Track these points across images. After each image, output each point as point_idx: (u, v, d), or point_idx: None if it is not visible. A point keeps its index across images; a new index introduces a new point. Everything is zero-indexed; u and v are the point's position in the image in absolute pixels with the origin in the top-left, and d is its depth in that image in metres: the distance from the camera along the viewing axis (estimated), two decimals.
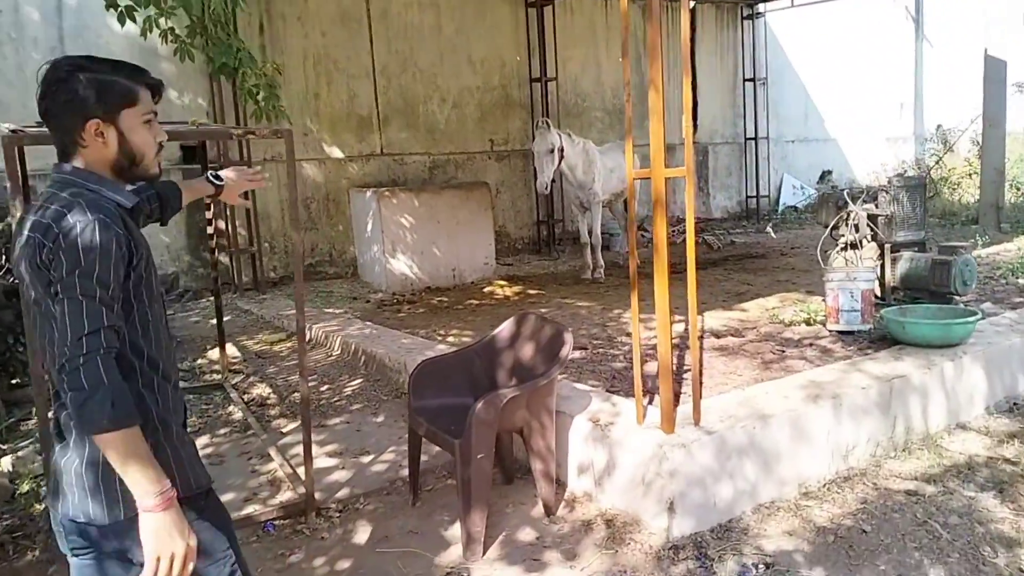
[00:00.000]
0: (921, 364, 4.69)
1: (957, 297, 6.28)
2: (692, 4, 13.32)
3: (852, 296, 5.75)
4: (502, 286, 9.38)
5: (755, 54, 13.85)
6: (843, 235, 6.81)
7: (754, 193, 14.14)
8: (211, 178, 2.58)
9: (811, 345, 5.62)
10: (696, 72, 13.51)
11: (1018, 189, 12.93)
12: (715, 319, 6.93)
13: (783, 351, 5.52)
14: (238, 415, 5.25)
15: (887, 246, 6.53)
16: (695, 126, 13.61)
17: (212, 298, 9.18)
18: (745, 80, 13.98)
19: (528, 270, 10.54)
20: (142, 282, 1.73)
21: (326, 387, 5.82)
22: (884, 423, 4.32)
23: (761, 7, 13.79)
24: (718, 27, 13.70)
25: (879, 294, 6.60)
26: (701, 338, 6.22)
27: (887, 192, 6.49)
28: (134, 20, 4.51)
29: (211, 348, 6.95)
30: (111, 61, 1.76)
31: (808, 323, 6.35)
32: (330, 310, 8.26)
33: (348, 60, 10.00)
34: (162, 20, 4.36)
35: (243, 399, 5.58)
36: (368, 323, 7.03)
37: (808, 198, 14.46)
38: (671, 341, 3.91)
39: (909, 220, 6.57)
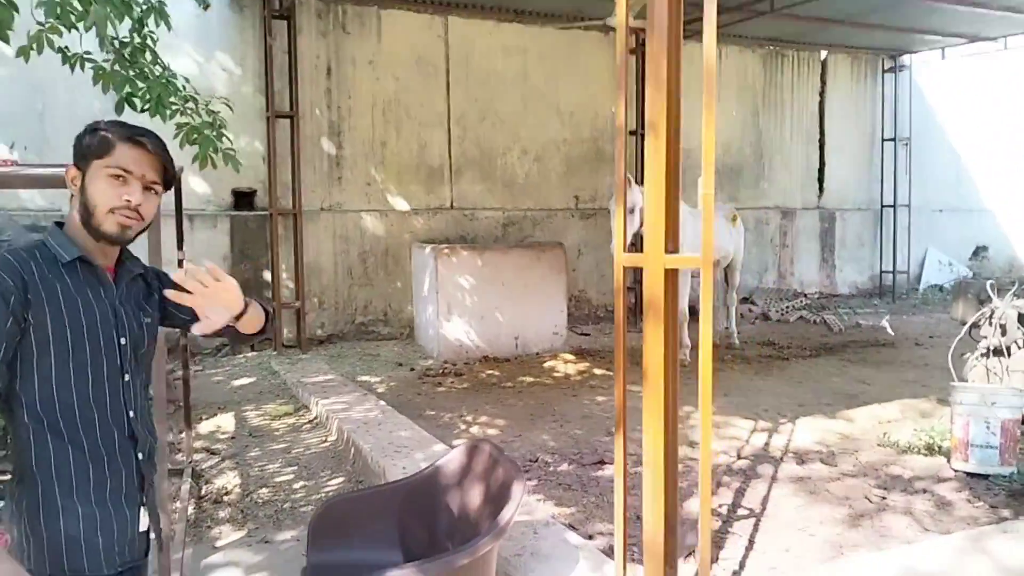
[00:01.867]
0: None
1: None
2: (824, 55, 11.87)
3: (988, 427, 4.21)
4: (568, 361, 8.24)
5: (896, 111, 12.13)
6: (985, 337, 5.25)
7: (890, 268, 12.25)
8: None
9: (925, 491, 4.12)
10: (825, 130, 11.96)
11: None
12: (809, 431, 5.52)
13: (884, 497, 4.07)
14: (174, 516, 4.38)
15: None
16: (820, 189, 12.01)
17: (252, 354, 8.69)
18: (884, 140, 12.24)
19: (605, 342, 9.32)
20: (48, 335, 1.68)
21: (301, 484, 4.87)
22: None
23: (906, 59, 12.11)
24: (853, 79, 12.12)
25: None
26: (774, 458, 4.82)
27: None
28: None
29: (209, 417, 6.21)
30: (124, 122, 1.80)
31: (930, 450, 4.83)
32: (364, 378, 7.41)
33: (421, 107, 9.34)
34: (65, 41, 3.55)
35: (198, 492, 4.73)
36: (382, 402, 6.08)
37: (957, 277, 12.39)
38: (676, 498, 2.69)
39: None
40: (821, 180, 11.97)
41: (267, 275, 8.51)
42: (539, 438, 5.47)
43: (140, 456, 1.82)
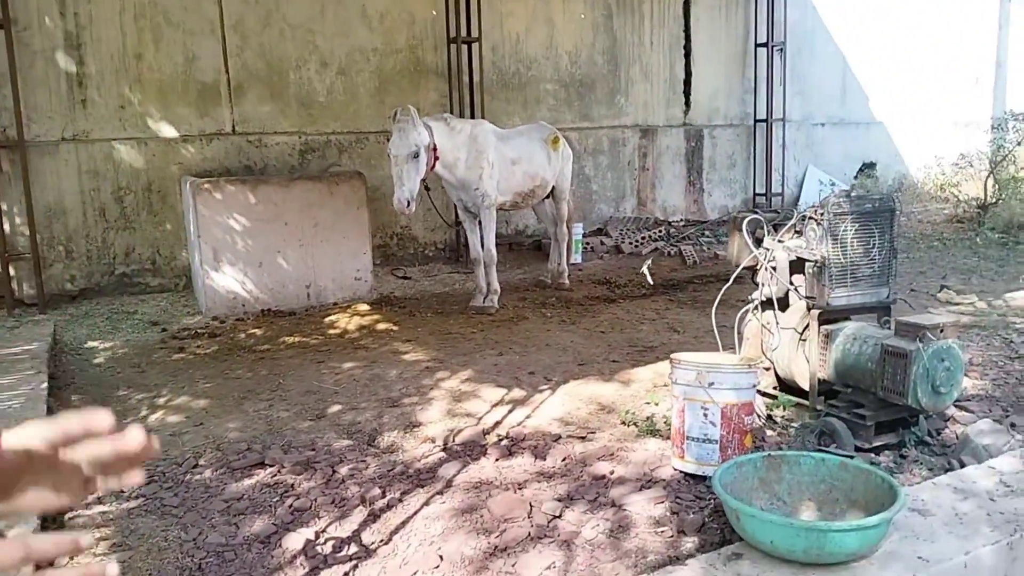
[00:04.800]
0: None
1: (921, 415, 3.75)
2: None
3: (706, 414, 3.32)
4: (358, 313, 7.19)
5: (772, 10, 11.02)
6: (761, 285, 4.35)
7: (764, 190, 11.38)
8: None
9: (615, 505, 3.23)
10: (691, 35, 10.83)
11: None
12: (564, 402, 4.70)
13: (556, 515, 3.15)
14: None
15: (815, 312, 4.01)
16: (686, 104, 10.96)
17: None
18: (758, 45, 11.17)
19: (421, 288, 8.30)
20: None
21: None
22: None
23: None
24: None
25: (776, 397, 4.15)
26: (484, 448, 3.90)
27: (817, 220, 3.94)
28: None
29: None
30: None
31: (665, 435, 3.96)
32: (93, 343, 6.28)
33: (185, 11, 7.90)
34: None
35: None
36: (44, 386, 4.95)
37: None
38: None
39: (857, 270, 4.02)
40: (688, 93, 10.90)
41: None
42: (223, 427, 4.45)
43: None
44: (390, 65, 8.95)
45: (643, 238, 10.09)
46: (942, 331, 3.60)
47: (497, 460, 3.74)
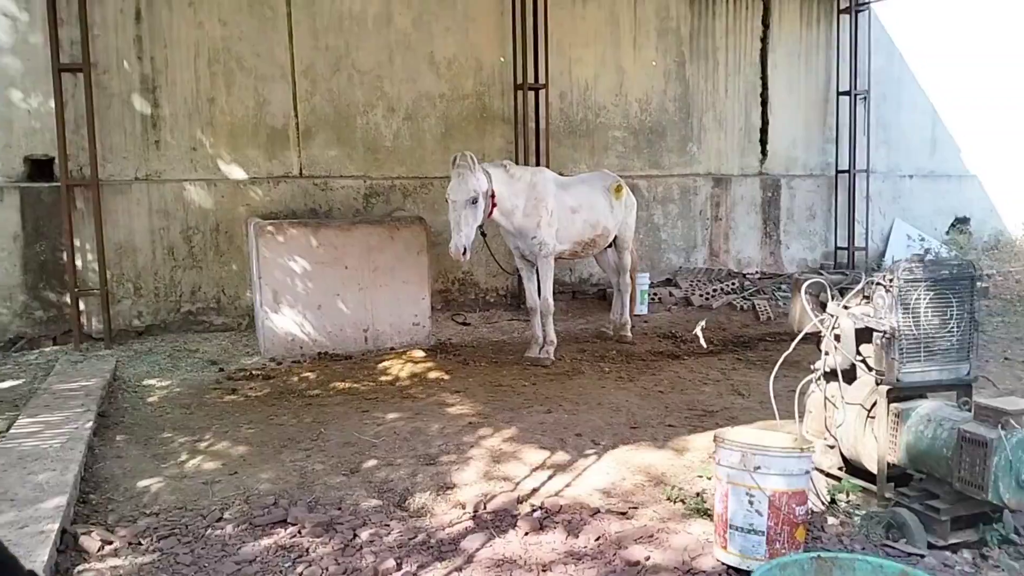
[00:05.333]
0: None
1: (1006, 511, 3.33)
2: None
3: (752, 502, 3.02)
4: (412, 360, 7.11)
5: (855, 58, 10.61)
6: (826, 355, 4.04)
7: (847, 243, 10.84)
8: None
9: None
10: (768, 83, 10.52)
11: None
12: (610, 469, 4.48)
13: None
14: None
15: (884, 388, 3.66)
16: (762, 152, 10.60)
17: (55, 348, 7.66)
18: (840, 93, 10.76)
19: (479, 335, 8.17)
20: None
21: None
22: None
23: None
24: (803, 22, 10.61)
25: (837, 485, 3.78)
26: (515, 519, 3.68)
27: (886, 287, 3.61)
28: None
29: None
30: None
31: (710, 515, 3.64)
32: (151, 381, 6.38)
33: (257, 57, 8.11)
34: None
35: None
36: (90, 424, 4.98)
37: (932, 253, 10.94)
38: None
39: (932, 343, 3.66)
40: (764, 142, 10.55)
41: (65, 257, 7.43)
42: (256, 477, 4.37)
43: None
44: (456, 111, 8.96)
45: (714, 290, 9.72)
46: None
47: (526, 535, 3.51)
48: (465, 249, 6.20)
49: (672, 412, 5.52)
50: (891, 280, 3.59)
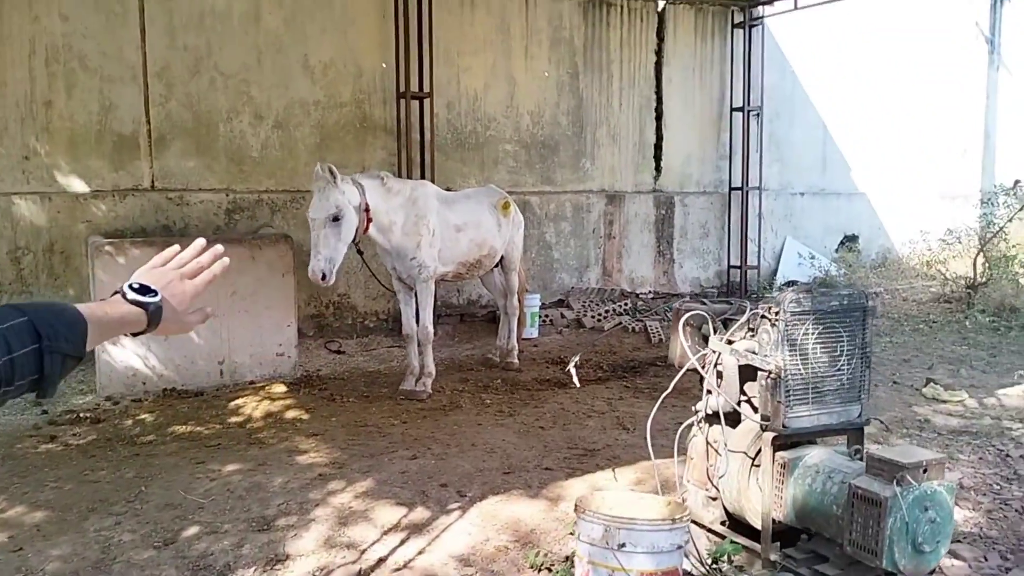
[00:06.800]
0: None
1: None
2: (661, 5, 10.19)
3: None
4: (270, 396, 6.40)
5: (749, 74, 10.53)
6: (707, 394, 3.63)
7: (740, 262, 10.72)
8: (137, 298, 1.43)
9: None
10: (663, 98, 10.31)
11: None
12: (475, 525, 3.95)
13: None
14: None
15: (769, 435, 3.26)
16: (657, 169, 10.37)
17: None
18: (733, 109, 10.66)
19: (354, 364, 7.53)
20: None
21: None
22: None
23: (761, 10, 10.49)
24: (698, 36, 10.46)
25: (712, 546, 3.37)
26: None
27: (771, 320, 3.22)
28: None
29: None
30: None
31: None
32: None
33: (104, 56, 7.28)
34: None
35: None
36: None
37: (821, 271, 10.97)
38: None
39: (821, 383, 3.29)
40: (658, 158, 10.32)
41: None
42: (46, 553, 3.63)
43: None
44: (333, 119, 8.32)
45: (607, 311, 9.37)
46: (926, 471, 2.85)
47: None
48: (325, 274, 5.57)
49: (551, 452, 5.04)
50: (776, 313, 3.21)
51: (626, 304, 9.60)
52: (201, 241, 1.60)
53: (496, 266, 7.34)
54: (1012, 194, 10.25)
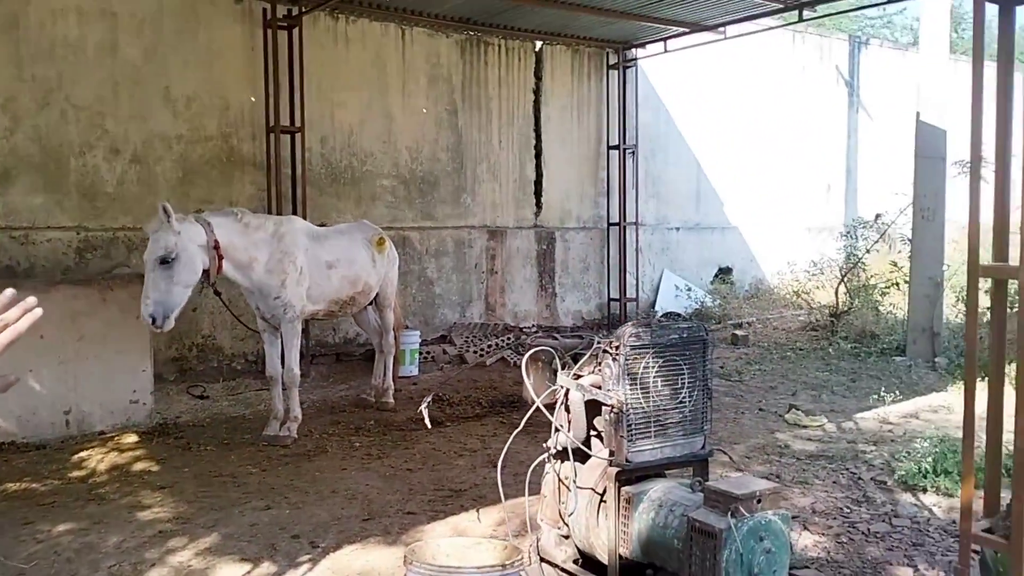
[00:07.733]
0: None
1: None
2: (539, 45, 10.39)
3: None
4: (120, 448, 5.97)
5: (624, 114, 10.85)
6: (555, 431, 3.59)
7: (619, 295, 10.93)
8: None
9: None
10: (542, 135, 10.47)
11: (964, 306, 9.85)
12: None
13: None
14: None
15: (613, 470, 3.24)
16: (537, 205, 10.49)
17: None
18: (610, 148, 10.94)
19: (217, 410, 7.16)
20: None
21: None
22: None
23: (634, 52, 10.86)
24: (575, 76, 10.72)
25: None
26: None
27: (612, 355, 3.21)
28: None
29: None
30: None
31: None
32: None
33: None
34: None
35: None
36: None
37: (697, 302, 11.30)
38: None
39: (664, 416, 3.29)
40: (539, 194, 10.46)
41: None
42: None
43: None
44: (197, 154, 8.01)
45: (490, 346, 9.32)
46: (759, 501, 2.88)
47: None
48: (155, 318, 5.31)
49: (415, 495, 4.89)
50: (617, 347, 3.21)
51: (509, 338, 9.59)
52: (10, 292, 1.39)
53: (370, 303, 7.18)
54: (870, 227, 10.87)
